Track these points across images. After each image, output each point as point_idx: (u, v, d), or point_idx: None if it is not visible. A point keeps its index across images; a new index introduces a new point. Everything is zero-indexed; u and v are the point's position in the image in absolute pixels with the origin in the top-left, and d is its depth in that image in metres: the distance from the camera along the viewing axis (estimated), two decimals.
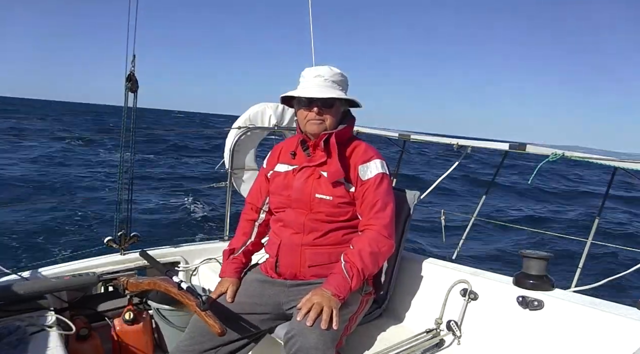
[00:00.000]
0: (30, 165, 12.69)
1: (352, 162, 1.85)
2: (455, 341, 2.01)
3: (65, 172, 11.91)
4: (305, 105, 1.83)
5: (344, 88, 1.87)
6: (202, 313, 1.58)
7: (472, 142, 2.53)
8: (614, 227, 9.33)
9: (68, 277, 2.04)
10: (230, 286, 1.88)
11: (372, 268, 1.79)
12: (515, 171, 14.89)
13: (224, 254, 2.01)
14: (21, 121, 34.76)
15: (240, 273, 1.96)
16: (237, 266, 1.96)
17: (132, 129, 2.48)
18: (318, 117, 1.81)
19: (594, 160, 2.14)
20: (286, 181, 1.91)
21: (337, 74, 1.84)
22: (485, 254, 7.31)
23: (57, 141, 18.33)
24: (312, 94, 1.79)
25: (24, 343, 1.59)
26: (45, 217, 7.45)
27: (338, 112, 1.86)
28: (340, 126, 1.86)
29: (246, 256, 2.02)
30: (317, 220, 1.83)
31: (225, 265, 1.98)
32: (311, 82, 1.83)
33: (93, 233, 6.86)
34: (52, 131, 21.06)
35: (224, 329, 1.55)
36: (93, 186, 10.60)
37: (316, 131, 1.83)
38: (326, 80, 1.82)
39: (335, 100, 1.82)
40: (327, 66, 1.85)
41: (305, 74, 1.86)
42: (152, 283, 1.82)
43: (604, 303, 1.78)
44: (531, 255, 1.95)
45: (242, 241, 2.02)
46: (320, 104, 1.80)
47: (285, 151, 1.99)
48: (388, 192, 1.86)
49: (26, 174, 11.13)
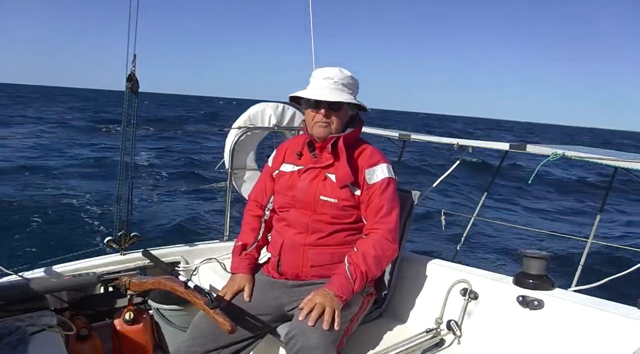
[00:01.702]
0: (30, 162, 12.69)
1: (358, 166, 1.85)
2: (455, 340, 2.01)
3: (65, 172, 11.91)
4: (312, 106, 1.83)
5: (354, 91, 1.87)
6: (211, 311, 1.58)
7: (473, 142, 2.54)
8: (614, 227, 9.33)
9: (68, 277, 2.03)
10: (247, 283, 1.88)
11: (376, 271, 1.79)
12: (515, 171, 14.91)
13: (235, 249, 2.00)
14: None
15: (253, 269, 1.96)
16: (251, 262, 1.96)
17: (132, 130, 2.48)
18: (325, 120, 1.80)
19: (594, 160, 2.14)
20: (291, 181, 1.90)
21: (347, 77, 1.83)
22: (485, 254, 7.31)
23: (55, 136, 18.32)
24: (320, 97, 1.79)
25: (24, 343, 1.58)
26: (45, 217, 7.45)
27: (345, 116, 1.86)
28: (348, 129, 1.86)
29: (258, 252, 2.02)
30: (321, 221, 1.83)
31: (238, 261, 1.96)
32: (320, 84, 1.83)
33: (93, 233, 6.86)
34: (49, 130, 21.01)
35: (234, 327, 1.55)
36: (93, 185, 10.60)
37: (322, 134, 1.83)
38: (336, 82, 1.81)
39: (343, 103, 1.82)
40: (337, 68, 1.85)
41: (316, 75, 1.86)
42: (157, 282, 1.81)
43: (604, 303, 1.78)
44: (531, 255, 1.95)
45: (254, 237, 2.01)
46: (327, 107, 1.80)
47: (291, 151, 1.98)
48: (394, 197, 1.86)
49: (25, 175, 11.14)
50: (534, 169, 2.27)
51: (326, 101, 1.78)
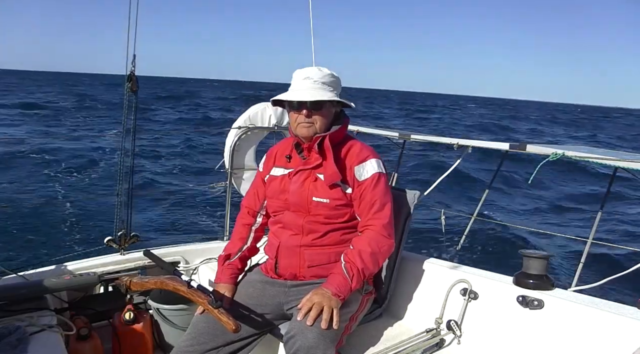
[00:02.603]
0: (28, 161, 12.68)
1: (347, 164, 1.84)
2: (455, 340, 2.01)
3: (65, 171, 11.90)
4: (294, 108, 1.83)
5: (335, 89, 1.86)
6: (215, 310, 1.58)
7: (473, 142, 2.54)
8: (614, 227, 9.32)
9: (68, 277, 2.04)
10: (227, 292, 1.87)
11: (373, 267, 1.79)
12: (515, 170, 14.90)
13: (219, 259, 2.00)
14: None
15: (235, 279, 1.95)
16: (233, 272, 1.95)
17: (132, 130, 2.48)
18: (307, 120, 1.79)
19: (594, 160, 2.14)
20: (282, 184, 1.90)
21: (327, 75, 1.82)
22: (485, 253, 7.30)
23: (56, 134, 18.30)
24: (300, 97, 1.79)
25: (24, 343, 1.58)
26: (45, 217, 7.44)
27: (329, 114, 1.84)
28: (334, 127, 1.85)
29: (242, 262, 2.01)
30: (316, 222, 1.83)
31: (220, 271, 1.96)
32: (300, 85, 1.82)
33: (93, 233, 6.85)
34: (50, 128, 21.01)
35: (238, 326, 1.55)
36: (93, 185, 10.60)
37: (306, 134, 1.82)
38: (315, 82, 1.80)
39: (325, 102, 1.81)
40: (316, 68, 1.84)
41: (295, 76, 1.86)
42: (160, 282, 1.81)
43: (604, 303, 1.78)
44: (531, 255, 1.95)
45: (238, 247, 2.00)
46: (308, 107, 1.79)
47: (281, 155, 1.98)
48: (386, 192, 1.85)
49: (24, 172, 11.13)
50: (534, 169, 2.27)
51: (306, 100, 1.78)
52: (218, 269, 1.99)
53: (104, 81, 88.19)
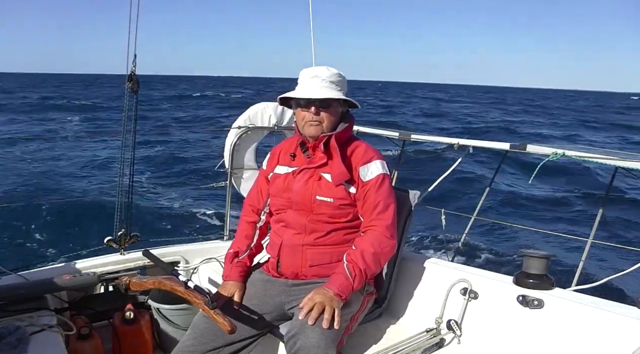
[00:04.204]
0: (28, 161, 12.69)
1: (352, 164, 1.85)
2: (455, 340, 2.01)
3: (65, 170, 11.91)
4: (302, 106, 1.83)
5: (342, 88, 1.86)
6: (210, 311, 1.58)
7: (473, 141, 2.54)
8: (614, 226, 9.32)
9: (68, 277, 2.03)
10: (237, 290, 1.87)
11: (375, 268, 1.79)
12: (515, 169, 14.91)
13: (227, 257, 1.99)
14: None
15: (245, 277, 1.94)
16: (242, 270, 1.94)
17: (132, 130, 2.48)
18: (315, 118, 1.80)
19: (594, 159, 2.14)
20: (286, 183, 1.90)
21: (335, 74, 1.83)
22: (485, 253, 7.30)
23: (57, 135, 18.33)
24: (309, 95, 1.79)
25: (24, 343, 1.58)
26: (45, 217, 7.45)
27: (336, 113, 1.85)
28: (340, 127, 1.86)
29: (250, 259, 2.01)
30: (319, 221, 1.83)
31: (229, 268, 1.95)
32: (308, 83, 1.82)
33: (93, 233, 6.85)
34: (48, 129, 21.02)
35: (234, 327, 1.55)
36: (93, 185, 10.60)
37: (313, 133, 1.82)
38: (323, 80, 1.81)
39: (333, 101, 1.81)
40: (324, 67, 1.85)
41: (303, 74, 1.86)
42: (158, 282, 1.81)
43: (604, 302, 1.78)
44: (531, 254, 1.95)
45: (246, 244, 2.00)
46: (317, 105, 1.79)
47: (285, 153, 1.98)
48: (389, 193, 1.85)
49: (24, 172, 11.14)
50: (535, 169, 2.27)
51: (316, 99, 1.78)
52: (226, 266, 1.97)
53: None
